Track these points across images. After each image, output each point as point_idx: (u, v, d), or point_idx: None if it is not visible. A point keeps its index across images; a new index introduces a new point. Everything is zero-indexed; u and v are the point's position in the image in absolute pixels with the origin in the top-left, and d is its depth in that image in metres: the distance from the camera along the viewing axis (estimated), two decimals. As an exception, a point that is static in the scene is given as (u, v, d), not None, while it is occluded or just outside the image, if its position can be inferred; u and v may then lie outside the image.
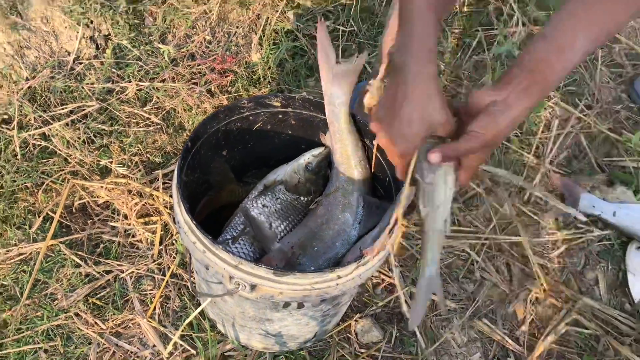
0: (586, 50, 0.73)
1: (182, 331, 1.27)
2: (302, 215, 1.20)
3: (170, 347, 1.22)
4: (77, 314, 1.28)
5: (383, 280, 1.39)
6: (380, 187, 1.19)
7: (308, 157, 1.19)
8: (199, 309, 1.14)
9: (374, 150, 1.14)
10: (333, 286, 1.02)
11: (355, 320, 1.33)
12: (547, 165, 1.59)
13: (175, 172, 1.06)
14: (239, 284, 1.01)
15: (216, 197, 1.24)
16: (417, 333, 1.32)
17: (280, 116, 1.22)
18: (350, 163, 1.15)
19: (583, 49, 0.73)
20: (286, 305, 1.10)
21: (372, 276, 1.39)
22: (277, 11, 1.61)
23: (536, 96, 0.74)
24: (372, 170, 1.18)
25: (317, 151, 1.19)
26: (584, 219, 1.49)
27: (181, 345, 1.26)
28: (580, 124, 1.69)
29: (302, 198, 1.22)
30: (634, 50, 1.85)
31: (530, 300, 1.40)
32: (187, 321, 1.16)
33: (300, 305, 1.11)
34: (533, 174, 1.57)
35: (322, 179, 1.23)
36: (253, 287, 1.01)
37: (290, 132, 1.24)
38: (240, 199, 1.20)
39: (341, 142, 1.14)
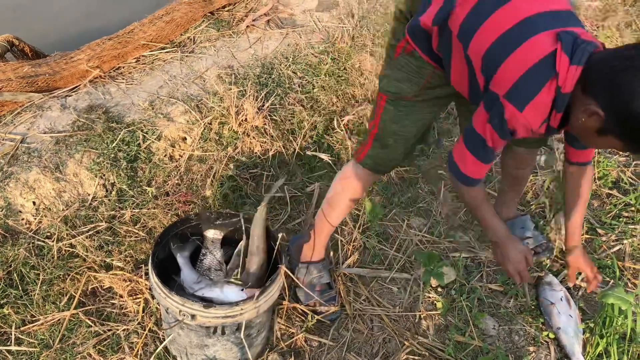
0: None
1: (155, 364, 2.00)
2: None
3: (146, 369, 1.95)
4: (89, 354, 2.01)
5: (288, 329, 2.15)
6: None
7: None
8: (164, 344, 1.92)
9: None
10: (238, 315, 1.80)
11: (267, 354, 2.07)
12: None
13: (151, 254, 1.88)
14: (185, 315, 1.79)
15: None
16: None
17: (216, 223, 2.07)
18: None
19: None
20: (215, 331, 1.85)
21: (280, 328, 2.15)
22: (223, 163, 2.51)
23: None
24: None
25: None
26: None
27: (154, 373, 1.99)
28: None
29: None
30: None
31: (384, 340, 2.15)
32: (156, 352, 1.92)
33: (223, 331, 1.86)
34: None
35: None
36: (193, 316, 1.78)
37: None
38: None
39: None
